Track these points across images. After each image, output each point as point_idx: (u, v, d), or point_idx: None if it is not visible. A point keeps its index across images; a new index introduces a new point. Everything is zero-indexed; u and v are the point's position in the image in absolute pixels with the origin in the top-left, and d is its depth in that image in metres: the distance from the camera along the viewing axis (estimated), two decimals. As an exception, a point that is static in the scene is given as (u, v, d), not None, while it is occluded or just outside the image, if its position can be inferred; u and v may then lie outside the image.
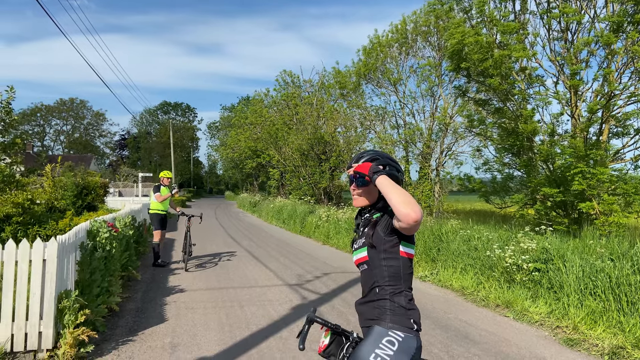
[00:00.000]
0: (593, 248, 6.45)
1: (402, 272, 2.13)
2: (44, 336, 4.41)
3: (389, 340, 2.05)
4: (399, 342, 2.05)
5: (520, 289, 6.57)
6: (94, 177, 14.85)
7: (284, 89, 30.19)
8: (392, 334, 2.06)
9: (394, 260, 2.12)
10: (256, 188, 44.21)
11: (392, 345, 2.04)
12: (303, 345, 2.26)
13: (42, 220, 9.52)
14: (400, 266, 2.13)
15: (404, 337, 2.06)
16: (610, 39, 9.46)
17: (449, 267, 8.32)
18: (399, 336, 2.06)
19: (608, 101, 10.08)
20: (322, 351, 2.30)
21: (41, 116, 74.56)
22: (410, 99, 18.64)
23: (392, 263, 2.12)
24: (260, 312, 6.16)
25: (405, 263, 2.14)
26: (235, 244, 13.48)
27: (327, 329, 2.33)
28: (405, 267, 2.14)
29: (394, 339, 2.05)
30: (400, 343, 2.04)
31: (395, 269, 2.12)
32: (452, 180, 17.62)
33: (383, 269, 2.13)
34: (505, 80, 11.28)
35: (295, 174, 24.64)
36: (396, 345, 2.04)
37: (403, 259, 2.13)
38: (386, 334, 2.07)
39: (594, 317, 5.41)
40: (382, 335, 2.07)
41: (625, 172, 10.55)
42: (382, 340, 2.05)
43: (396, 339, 2.05)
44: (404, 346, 2.05)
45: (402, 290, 2.12)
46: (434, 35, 17.83)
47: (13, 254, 4.44)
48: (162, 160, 70.17)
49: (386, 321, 2.09)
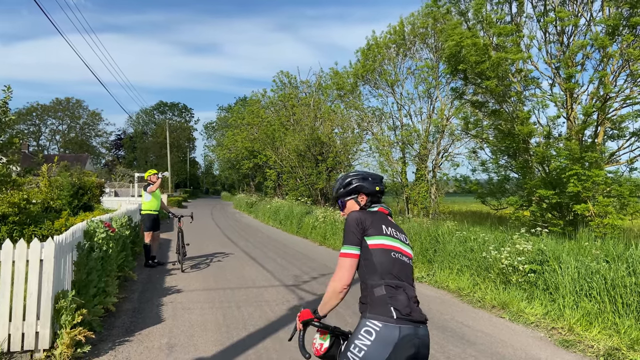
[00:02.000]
0: (588, 250, 6.48)
1: (377, 263, 2.21)
2: (41, 336, 4.40)
3: (366, 330, 2.10)
4: (377, 331, 2.07)
5: (516, 290, 6.60)
6: (90, 177, 14.82)
7: (281, 89, 30.20)
8: (369, 323, 2.11)
9: (366, 254, 2.25)
10: (253, 189, 44.15)
11: (370, 335, 2.08)
12: (309, 353, 2.29)
13: (38, 220, 9.50)
14: (375, 257, 2.22)
15: (382, 326, 2.07)
16: (605, 42, 9.52)
17: (446, 268, 8.35)
18: (376, 326, 2.08)
19: (603, 104, 10.13)
20: (322, 354, 2.28)
21: (37, 115, 74.31)
22: (408, 101, 18.68)
23: (366, 257, 2.25)
24: (257, 312, 6.16)
25: (379, 254, 2.23)
26: (232, 244, 13.47)
27: (321, 331, 2.32)
28: (381, 257, 2.23)
29: (372, 328, 2.09)
30: (377, 333, 2.06)
31: (370, 262, 2.23)
32: (448, 181, 17.67)
33: (361, 266, 2.26)
34: (502, 82, 11.33)
35: (292, 174, 24.63)
36: (373, 335, 2.07)
37: (375, 250, 2.24)
38: (365, 325, 2.12)
39: (590, 318, 5.45)
40: (362, 326, 2.13)
41: (620, 175, 10.62)
42: (361, 331, 2.11)
43: (373, 328, 2.08)
44: (383, 336, 2.05)
45: (380, 280, 2.19)
46: (431, 37, 17.87)
47: (10, 254, 4.44)
48: (159, 160, 70.02)
49: (366, 312, 2.16)
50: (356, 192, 2.54)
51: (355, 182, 2.53)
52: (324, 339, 2.31)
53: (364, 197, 2.53)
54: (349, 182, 2.55)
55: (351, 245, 2.25)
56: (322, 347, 2.29)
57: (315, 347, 2.31)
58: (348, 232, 2.29)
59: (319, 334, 2.33)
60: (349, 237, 2.27)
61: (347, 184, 2.55)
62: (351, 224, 2.30)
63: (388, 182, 18.62)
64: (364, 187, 2.52)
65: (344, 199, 2.56)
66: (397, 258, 2.27)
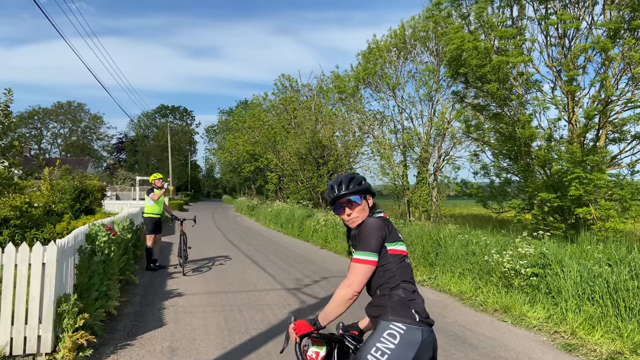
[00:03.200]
0: (590, 253, 6.47)
1: (396, 268, 2.20)
2: (43, 340, 4.40)
3: (390, 333, 2.04)
4: (401, 334, 2.03)
5: (518, 294, 6.59)
6: (91, 181, 14.83)
7: (282, 93, 30.24)
8: (392, 326, 2.06)
9: (385, 260, 2.20)
10: (254, 192, 44.14)
11: (394, 338, 2.03)
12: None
13: (40, 223, 9.49)
14: (393, 263, 2.20)
15: (406, 328, 2.04)
16: (607, 45, 9.53)
17: (447, 272, 8.33)
18: (400, 328, 2.04)
19: (605, 107, 10.14)
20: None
21: (38, 119, 74.42)
22: (409, 104, 18.71)
23: (383, 263, 2.19)
24: (259, 316, 6.15)
25: (397, 259, 2.22)
26: (233, 247, 13.46)
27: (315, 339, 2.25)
28: (398, 262, 2.21)
29: (395, 331, 2.04)
30: (402, 335, 2.03)
31: (388, 267, 2.20)
32: (449, 184, 17.66)
33: (379, 271, 2.20)
34: (503, 85, 11.35)
35: (293, 177, 24.64)
36: (398, 339, 2.02)
37: (393, 256, 2.21)
38: (387, 327, 2.07)
39: (592, 322, 5.43)
40: (384, 329, 2.07)
41: (622, 178, 10.61)
42: (383, 334, 2.05)
43: (397, 331, 2.04)
44: (407, 338, 2.02)
45: (398, 284, 2.17)
46: (432, 41, 17.90)
47: (13, 258, 4.44)
48: (160, 163, 70.12)
49: (387, 315, 2.11)
50: (367, 192, 2.39)
51: (364, 181, 2.39)
52: (319, 347, 2.25)
53: (371, 199, 2.41)
54: (361, 180, 2.39)
55: (371, 252, 2.14)
56: (319, 356, 2.23)
57: (309, 355, 2.24)
58: (370, 237, 2.17)
59: (311, 341, 2.27)
60: (369, 243, 2.16)
61: (360, 181, 2.37)
62: (375, 230, 2.18)
63: (389, 185, 18.62)
64: (371, 187, 2.42)
65: (352, 200, 2.33)
66: (409, 263, 2.30)
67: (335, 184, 2.38)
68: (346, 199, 2.33)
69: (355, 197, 2.33)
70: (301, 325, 2.21)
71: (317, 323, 2.21)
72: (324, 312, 2.19)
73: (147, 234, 9.52)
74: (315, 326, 2.20)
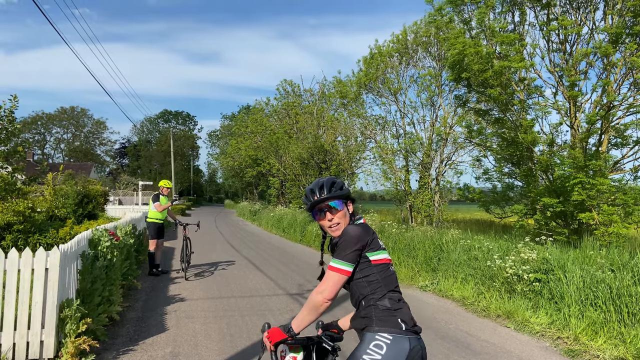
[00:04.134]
0: (593, 259, 6.45)
1: (380, 278, 2.15)
2: (46, 345, 4.41)
3: (376, 344, 2.03)
4: (388, 345, 2.01)
5: (521, 300, 6.57)
6: (95, 186, 14.88)
7: (285, 98, 30.36)
8: (378, 337, 2.04)
9: (369, 270, 2.16)
10: (256, 197, 44.19)
11: (380, 349, 2.01)
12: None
13: (43, 228, 9.52)
14: (377, 273, 2.16)
15: (393, 338, 2.03)
16: (609, 50, 9.53)
17: (450, 277, 8.32)
18: (386, 339, 2.03)
19: (607, 112, 10.13)
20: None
21: (42, 124, 74.74)
22: (411, 109, 18.71)
23: (367, 274, 2.15)
24: (261, 321, 6.14)
25: (381, 268, 2.17)
26: (236, 252, 13.47)
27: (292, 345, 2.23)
28: (382, 272, 2.17)
29: (382, 342, 2.03)
30: (389, 346, 2.01)
31: (373, 277, 2.15)
32: (451, 189, 17.63)
33: (361, 281, 2.16)
34: (505, 90, 11.35)
35: (295, 182, 24.67)
36: (384, 349, 2.00)
37: (377, 266, 2.17)
38: (373, 339, 2.04)
39: (595, 328, 5.41)
40: (370, 340, 2.05)
41: (624, 183, 10.58)
42: (370, 345, 2.03)
43: (384, 342, 2.02)
44: (394, 348, 2.01)
45: (384, 294, 2.13)
46: (434, 46, 17.94)
47: (16, 263, 4.46)
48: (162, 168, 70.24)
49: (372, 326, 2.09)
50: (348, 197, 2.30)
51: (345, 186, 2.29)
52: (296, 352, 2.23)
53: (351, 205, 2.32)
54: (342, 184, 2.29)
55: (346, 262, 2.10)
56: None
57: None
58: (346, 247, 2.11)
59: (288, 347, 2.25)
60: (346, 252, 2.10)
61: (341, 186, 2.27)
62: (352, 240, 2.13)
63: (391, 190, 18.61)
64: (350, 193, 2.34)
65: (333, 206, 2.23)
66: (393, 271, 2.25)
67: (316, 187, 2.26)
68: (326, 204, 2.24)
69: (336, 203, 2.24)
70: (275, 333, 2.17)
71: (290, 330, 2.17)
72: (297, 319, 2.16)
73: (149, 239, 9.53)
74: (289, 333, 2.16)
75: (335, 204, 2.24)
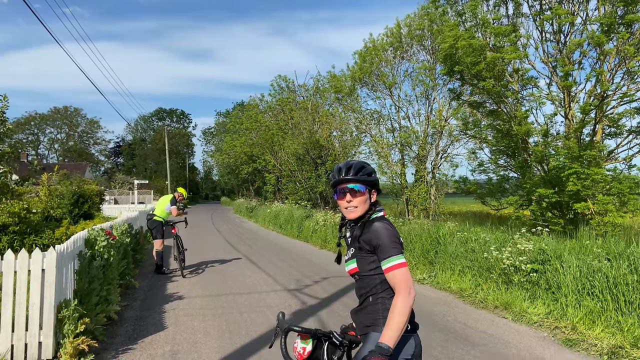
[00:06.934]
0: (589, 248, 6.49)
1: None
2: (44, 346, 4.40)
3: None
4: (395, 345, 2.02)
5: (518, 290, 6.60)
6: (90, 185, 14.81)
7: (279, 93, 30.24)
8: None
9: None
10: (252, 193, 44.12)
11: None
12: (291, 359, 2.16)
13: (39, 229, 9.47)
14: None
15: (400, 339, 2.02)
16: (602, 39, 9.55)
17: (447, 270, 8.35)
18: None
19: (601, 102, 10.16)
20: (305, 358, 2.21)
21: (35, 125, 74.26)
22: (406, 103, 18.70)
23: (380, 271, 2.13)
24: (260, 318, 6.15)
25: None
26: (233, 249, 13.46)
27: (302, 334, 2.24)
28: None
29: None
30: (397, 345, 2.01)
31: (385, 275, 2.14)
32: (447, 182, 17.67)
33: (374, 277, 2.15)
34: (499, 82, 11.36)
35: (291, 178, 24.63)
36: None
37: None
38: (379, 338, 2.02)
39: (592, 317, 5.45)
40: (375, 340, 2.02)
41: (619, 172, 10.64)
42: None
43: None
44: (401, 348, 2.03)
45: (391, 294, 2.12)
46: (428, 39, 17.91)
47: (12, 264, 4.44)
48: (158, 167, 70.06)
49: (380, 326, 2.08)
50: (374, 186, 2.27)
51: (374, 174, 2.26)
52: (306, 342, 2.24)
53: (375, 194, 2.29)
54: (371, 171, 2.25)
55: (400, 254, 2.07)
56: (305, 351, 2.22)
57: (298, 351, 2.24)
58: (393, 241, 2.09)
59: (299, 337, 2.25)
60: (396, 246, 2.08)
61: (370, 173, 2.24)
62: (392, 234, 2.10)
63: (387, 184, 18.62)
64: (378, 182, 2.30)
65: (357, 189, 2.20)
66: None
67: (344, 167, 2.24)
68: (348, 186, 2.20)
69: (359, 186, 2.19)
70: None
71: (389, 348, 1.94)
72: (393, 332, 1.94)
73: (155, 239, 9.48)
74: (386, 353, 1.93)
75: (358, 187, 2.20)
